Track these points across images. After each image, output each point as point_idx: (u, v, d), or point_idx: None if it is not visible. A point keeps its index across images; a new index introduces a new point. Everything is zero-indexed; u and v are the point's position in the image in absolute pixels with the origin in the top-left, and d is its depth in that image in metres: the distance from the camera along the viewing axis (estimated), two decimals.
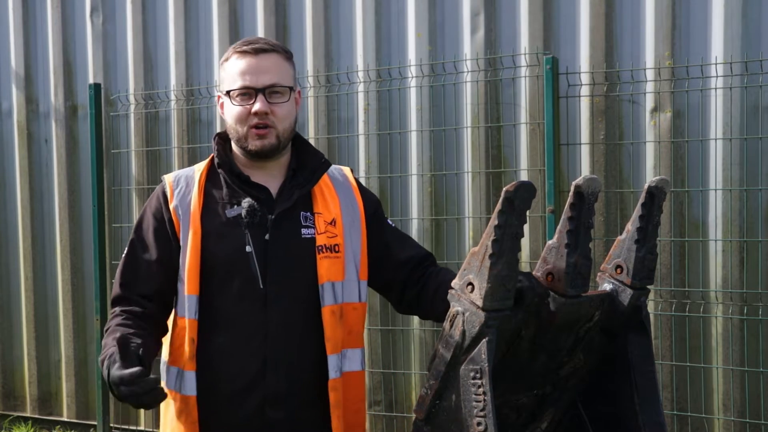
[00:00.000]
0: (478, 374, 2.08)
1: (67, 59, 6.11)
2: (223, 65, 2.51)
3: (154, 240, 2.48)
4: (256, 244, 2.43)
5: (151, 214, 2.51)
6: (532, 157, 4.77)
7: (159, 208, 2.50)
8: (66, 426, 6.19)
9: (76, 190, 6.08)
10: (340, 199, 2.57)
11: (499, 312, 2.11)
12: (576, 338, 2.38)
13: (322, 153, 2.63)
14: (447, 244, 5.00)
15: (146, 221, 2.52)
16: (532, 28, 4.78)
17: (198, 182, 2.49)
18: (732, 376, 4.43)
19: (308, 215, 2.51)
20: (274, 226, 2.45)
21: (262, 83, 2.43)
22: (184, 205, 2.47)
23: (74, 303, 6.11)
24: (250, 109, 2.43)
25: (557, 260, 2.22)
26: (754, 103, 4.35)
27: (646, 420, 2.42)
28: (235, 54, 2.48)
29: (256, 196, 2.47)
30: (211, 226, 2.45)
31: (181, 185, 2.50)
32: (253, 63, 2.45)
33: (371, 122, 5.16)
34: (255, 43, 2.48)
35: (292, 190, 2.51)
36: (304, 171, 2.55)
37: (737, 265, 4.41)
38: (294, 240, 2.47)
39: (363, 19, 5.19)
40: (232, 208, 2.46)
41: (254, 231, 2.44)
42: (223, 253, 2.43)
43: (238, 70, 2.45)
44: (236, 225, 2.44)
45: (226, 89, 2.47)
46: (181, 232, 2.45)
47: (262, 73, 2.44)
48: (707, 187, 4.44)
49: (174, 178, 2.54)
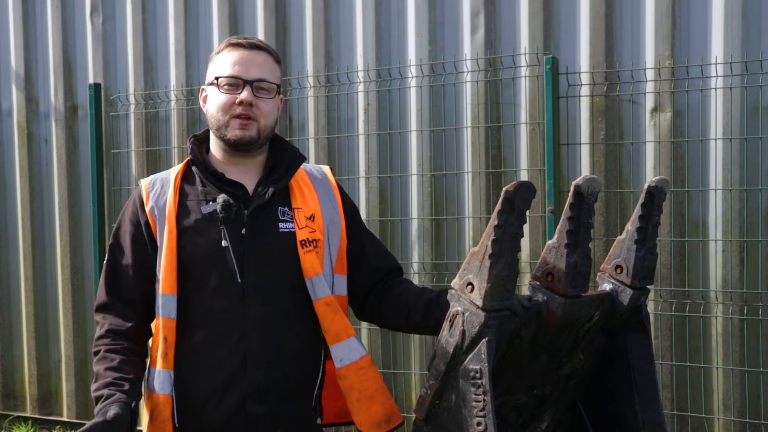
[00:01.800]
0: (477, 374, 2.08)
1: (67, 59, 6.10)
2: (214, 57, 2.54)
3: (131, 245, 2.50)
4: (233, 239, 2.44)
5: (128, 219, 2.53)
6: (532, 157, 4.76)
7: (135, 212, 2.52)
8: (66, 426, 6.19)
9: (76, 190, 6.08)
10: (319, 195, 2.59)
11: (498, 312, 2.11)
12: (576, 338, 2.39)
13: (298, 149, 2.64)
14: (447, 244, 5.00)
15: (123, 227, 2.53)
16: (532, 28, 4.78)
17: (173, 182, 2.51)
18: (732, 376, 4.43)
19: (286, 210, 2.52)
20: (250, 220, 2.46)
21: (251, 75, 2.46)
22: (160, 206, 2.48)
23: (74, 303, 6.11)
24: (236, 98, 2.45)
25: (557, 260, 2.22)
26: (754, 103, 4.35)
27: (645, 420, 2.42)
28: (228, 46, 2.51)
29: (232, 193, 2.48)
30: (187, 224, 2.46)
31: (156, 187, 2.52)
32: (245, 55, 2.48)
33: (371, 122, 5.16)
34: (250, 39, 2.54)
35: (267, 185, 2.52)
36: (280, 167, 2.56)
37: (737, 265, 4.41)
38: (271, 234, 2.48)
39: (363, 19, 5.18)
40: (207, 204, 2.47)
41: (230, 226, 2.45)
42: (199, 249, 2.44)
43: (229, 60, 2.48)
44: (212, 221, 2.45)
45: (215, 75, 2.49)
46: (157, 233, 2.47)
47: (253, 66, 2.48)
48: (707, 187, 4.44)
49: (150, 181, 2.56)
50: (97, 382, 2.46)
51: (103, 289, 2.52)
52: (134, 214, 2.52)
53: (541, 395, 2.46)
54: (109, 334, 2.49)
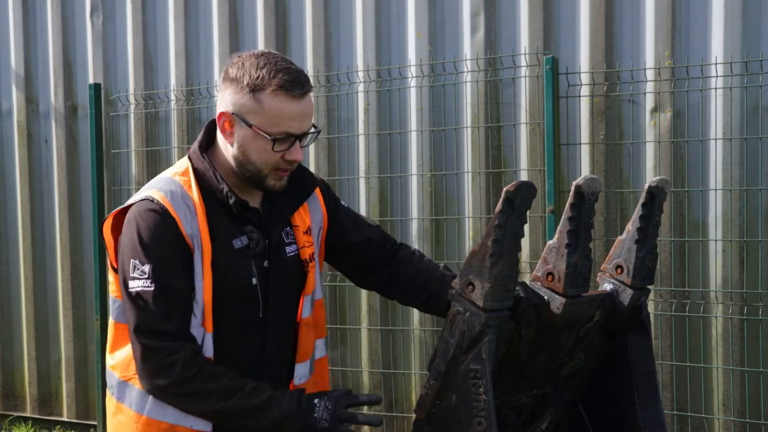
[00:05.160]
0: (478, 374, 2.08)
1: (67, 59, 6.10)
2: (254, 95, 2.20)
3: (178, 267, 2.23)
4: (259, 274, 2.33)
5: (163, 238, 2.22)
6: (532, 157, 4.77)
7: (171, 229, 2.23)
8: (66, 426, 6.19)
9: (76, 190, 6.08)
10: (309, 206, 2.50)
11: (499, 312, 2.11)
12: (576, 338, 2.39)
13: (311, 171, 2.52)
14: (447, 244, 5.00)
15: (159, 245, 2.22)
16: (532, 28, 4.78)
17: (198, 207, 2.27)
18: (732, 376, 4.43)
19: (288, 230, 2.43)
20: (270, 251, 2.37)
21: (303, 130, 2.26)
22: (195, 234, 2.24)
23: (74, 303, 6.11)
24: (284, 154, 2.24)
25: (557, 260, 2.22)
26: (754, 103, 4.35)
27: (646, 420, 2.42)
28: (279, 90, 2.20)
29: (255, 222, 2.36)
30: (221, 259, 2.27)
31: (183, 209, 2.25)
32: (299, 108, 2.23)
33: (371, 122, 5.16)
34: (301, 84, 2.22)
35: (282, 211, 2.40)
36: (290, 189, 2.39)
37: (737, 265, 4.41)
38: (284, 261, 2.40)
39: (363, 19, 5.18)
40: (238, 238, 2.31)
41: (255, 260, 2.34)
42: (231, 287, 2.29)
43: (284, 113, 2.20)
44: (242, 256, 2.31)
45: (266, 129, 2.21)
46: (195, 261, 2.24)
47: (306, 118, 2.26)
48: (707, 187, 4.44)
49: (169, 198, 2.25)
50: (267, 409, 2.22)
51: (159, 313, 2.20)
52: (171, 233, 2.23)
53: (542, 395, 2.46)
54: (197, 354, 2.23)
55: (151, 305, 2.20)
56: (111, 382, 2.36)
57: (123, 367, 2.32)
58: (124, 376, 2.32)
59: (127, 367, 2.31)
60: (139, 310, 2.21)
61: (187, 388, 2.19)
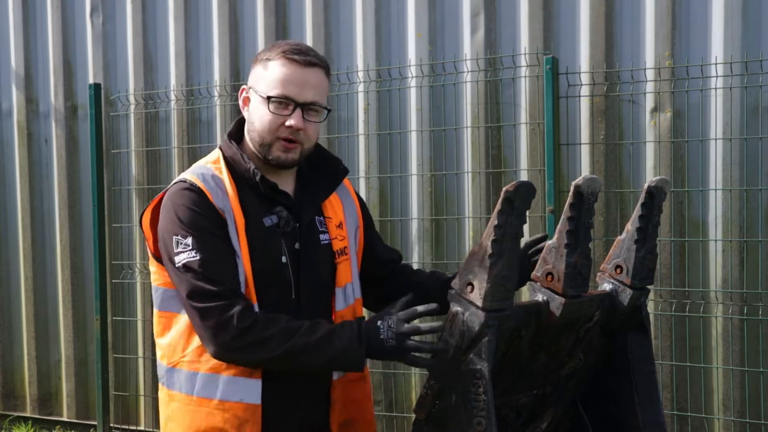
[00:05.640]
0: (478, 374, 2.08)
1: (67, 59, 6.10)
2: (265, 63, 2.37)
3: (218, 234, 2.30)
4: (289, 254, 2.38)
5: (198, 210, 2.30)
6: (532, 157, 4.76)
7: (204, 203, 2.31)
8: (66, 426, 6.19)
9: (76, 190, 6.08)
10: (343, 203, 2.58)
11: (498, 312, 2.11)
12: (576, 338, 2.39)
13: (341, 160, 2.58)
14: (447, 244, 5.00)
15: (196, 218, 2.29)
16: (532, 28, 4.78)
17: (230, 187, 2.35)
18: (732, 376, 4.43)
19: (322, 220, 2.49)
20: (302, 234, 2.42)
21: (304, 98, 2.33)
22: (228, 210, 2.32)
23: (74, 303, 6.10)
24: (284, 120, 2.33)
25: (557, 260, 2.22)
26: (754, 103, 4.35)
27: (646, 420, 2.42)
28: (283, 59, 2.34)
29: (285, 204, 2.41)
30: (251, 235, 2.33)
31: (213, 188, 2.33)
32: (300, 74, 2.33)
33: (371, 122, 5.16)
34: (306, 53, 2.36)
35: (313, 196, 2.47)
36: (321, 175, 2.50)
37: (737, 265, 4.41)
38: (317, 247, 2.45)
39: (363, 19, 5.18)
40: (268, 216, 2.37)
41: (285, 240, 2.38)
42: (263, 262, 2.34)
43: (282, 77, 2.33)
44: (272, 234, 2.37)
45: (266, 92, 2.34)
46: (230, 235, 2.31)
47: (307, 87, 2.34)
48: (707, 187, 4.44)
49: (200, 177, 2.35)
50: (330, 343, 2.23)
51: (208, 279, 2.25)
52: (205, 206, 2.30)
53: (542, 395, 2.47)
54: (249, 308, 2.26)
55: (199, 272, 2.26)
56: (161, 373, 2.43)
57: (169, 354, 2.39)
58: (171, 362, 2.38)
59: (173, 352, 2.38)
60: (189, 279, 2.27)
61: (248, 339, 2.22)
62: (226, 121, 5.53)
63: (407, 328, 2.20)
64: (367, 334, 2.22)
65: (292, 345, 2.22)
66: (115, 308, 5.88)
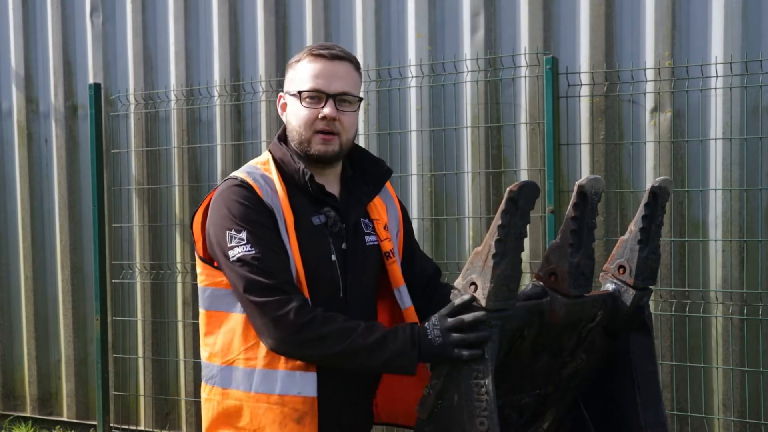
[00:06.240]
0: (480, 374, 2.08)
1: (67, 59, 6.10)
2: (294, 66, 2.47)
3: (271, 229, 2.35)
4: (338, 254, 2.43)
5: (250, 205, 2.35)
6: (532, 157, 4.77)
7: (255, 199, 2.36)
8: (66, 426, 6.19)
9: (76, 190, 6.08)
10: (386, 205, 2.62)
11: (502, 312, 2.11)
12: (578, 338, 2.39)
13: (384, 161, 2.62)
14: (447, 244, 5.00)
15: (249, 212, 2.35)
16: (532, 28, 4.78)
17: (280, 186, 2.41)
18: (732, 376, 4.43)
19: (367, 222, 2.54)
20: (349, 235, 2.47)
21: (334, 89, 2.41)
22: (277, 208, 2.38)
23: (74, 303, 6.10)
24: (318, 113, 2.40)
25: (560, 260, 2.22)
26: (754, 103, 4.36)
27: (647, 420, 2.43)
28: (309, 56, 2.44)
29: (333, 205, 2.47)
30: (300, 233, 2.39)
31: (263, 185, 2.40)
32: (328, 67, 2.42)
33: (371, 122, 5.16)
34: (331, 48, 2.46)
35: (359, 197, 2.52)
36: (366, 178, 2.55)
37: (737, 265, 4.41)
38: (364, 248, 2.50)
39: (363, 19, 5.19)
40: (316, 215, 2.43)
41: (333, 240, 2.44)
42: (313, 260, 2.39)
43: (311, 72, 2.42)
44: (320, 233, 2.42)
45: (297, 89, 2.43)
46: (281, 231, 2.37)
47: (336, 78, 2.42)
48: (707, 187, 4.44)
49: (250, 176, 2.41)
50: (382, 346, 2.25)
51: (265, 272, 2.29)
52: (256, 202, 2.35)
53: (544, 395, 2.47)
54: (306, 303, 2.30)
55: (255, 266, 2.30)
56: (212, 373, 2.45)
57: (223, 353, 2.41)
58: (226, 361, 2.41)
59: (227, 350, 2.41)
60: (245, 273, 2.30)
61: (305, 336, 2.26)
62: (226, 121, 5.54)
63: (450, 324, 2.18)
64: (419, 337, 2.23)
65: (348, 345, 2.25)
66: (115, 308, 5.88)
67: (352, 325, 2.28)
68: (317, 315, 2.27)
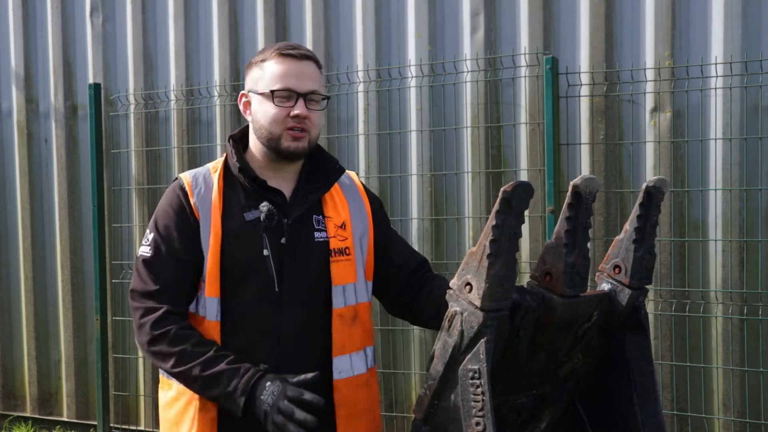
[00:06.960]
0: (476, 374, 2.08)
1: (67, 59, 6.10)
2: (260, 65, 2.52)
3: (178, 236, 2.47)
4: (273, 248, 2.47)
5: (172, 210, 2.49)
6: (532, 157, 4.76)
7: (180, 204, 2.49)
8: (66, 426, 6.19)
9: (76, 190, 6.08)
10: (350, 203, 2.63)
11: (497, 312, 2.11)
12: (575, 338, 2.38)
13: (337, 159, 2.67)
14: (447, 244, 5.00)
15: (167, 217, 2.49)
16: (532, 28, 4.77)
17: (217, 183, 2.51)
18: (732, 376, 4.43)
19: (320, 218, 2.56)
20: (289, 230, 2.49)
21: (305, 88, 2.47)
22: (205, 205, 2.48)
23: (74, 303, 6.11)
24: (290, 111, 2.46)
25: (555, 260, 2.21)
26: (754, 103, 4.35)
27: (644, 420, 2.42)
28: (278, 56, 2.49)
29: (272, 200, 2.51)
30: (230, 229, 2.47)
31: (200, 185, 2.51)
32: (297, 67, 2.48)
33: (371, 122, 5.16)
34: (298, 48, 2.52)
35: (306, 194, 2.55)
36: (318, 175, 2.59)
37: (737, 265, 4.41)
38: (308, 244, 2.52)
39: (363, 19, 5.18)
40: (250, 211, 2.49)
41: (270, 235, 2.47)
42: (241, 255, 2.46)
43: (281, 71, 2.47)
44: (254, 228, 2.48)
45: (268, 88, 2.48)
46: (201, 232, 2.47)
47: (306, 78, 2.49)
48: (707, 187, 4.44)
49: (191, 177, 2.54)
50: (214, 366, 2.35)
51: (148, 277, 2.45)
52: (179, 206, 2.49)
53: (540, 395, 2.46)
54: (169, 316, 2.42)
55: (143, 269, 2.47)
56: None
57: None
58: None
59: None
60: (135, 273, 2.50)
61: (154, 348, 2.40)
62: (226, 121, 5.54)
63: (283, 406, 2.24)
64: (254, 389, 2.29)
65: (185, 370, 2.36)
66: (115, 308, 5.88)
67: (200, 351, 2.36)
68: (171, 331, 2.39)
